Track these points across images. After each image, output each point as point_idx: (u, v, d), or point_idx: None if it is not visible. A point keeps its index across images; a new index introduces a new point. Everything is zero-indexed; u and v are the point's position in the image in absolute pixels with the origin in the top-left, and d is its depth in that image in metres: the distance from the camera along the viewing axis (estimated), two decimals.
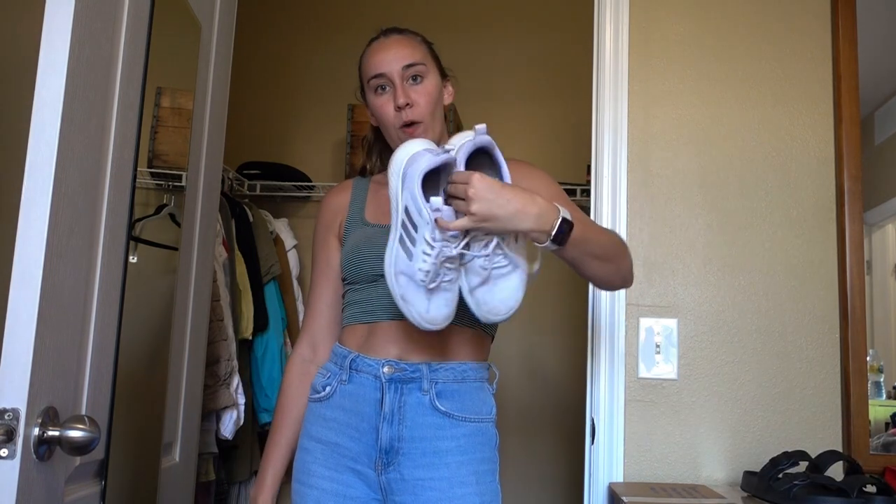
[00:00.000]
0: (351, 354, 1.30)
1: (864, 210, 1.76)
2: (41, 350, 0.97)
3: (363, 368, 1.28)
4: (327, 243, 1.43)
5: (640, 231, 1.81)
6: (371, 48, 1.39)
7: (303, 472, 1.30)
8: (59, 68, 1.01)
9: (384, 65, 1.34)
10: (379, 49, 1.37)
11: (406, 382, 1.26)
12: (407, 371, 1.26)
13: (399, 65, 1.33)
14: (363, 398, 1.27)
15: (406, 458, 1.25)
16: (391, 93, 1.34)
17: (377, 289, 1.30)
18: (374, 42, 1.39)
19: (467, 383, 1.30)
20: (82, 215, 1.10)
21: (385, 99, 1.35)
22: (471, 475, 1.24)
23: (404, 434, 1.25)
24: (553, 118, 3.29)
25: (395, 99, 1.32)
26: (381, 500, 1.27)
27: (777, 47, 1.86)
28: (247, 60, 3.12)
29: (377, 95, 1.36)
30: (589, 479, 1.76)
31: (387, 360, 1.27)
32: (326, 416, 1.29)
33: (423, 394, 1.26)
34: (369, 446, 1.26)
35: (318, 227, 1.45)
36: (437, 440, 1.25)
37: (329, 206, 1.45)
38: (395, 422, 1.25)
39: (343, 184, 1.49)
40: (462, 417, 1.27)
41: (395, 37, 1.38)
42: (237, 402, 2.46)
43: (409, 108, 1.32)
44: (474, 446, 1.27)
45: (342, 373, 1.30)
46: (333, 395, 1.29)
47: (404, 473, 1.24)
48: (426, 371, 1.27)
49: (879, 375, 1.78)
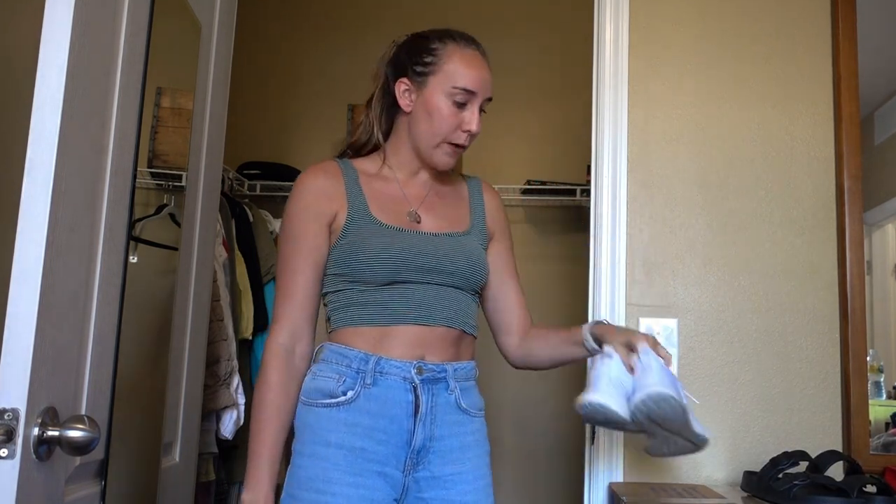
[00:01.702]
0: (371, 357, 1.27)
1: (864, 210, 1.76)
2: (41, 350, 0.97)
3: (389, 371, 1.26)
4: (314, 229, 1.32)
5: (640, 231, 1.81)
6: (468, 54, 1.35)
7: (321, 481, 1.22)
8: (59, 68, 1.00)
9: (481, 86, 1.34)
10: (479, 64, 1.36)
11: (435, 383, 1.29)
12: (435, 371, 1.29)
13: (489, 94, 1.36)
14: (392, 401, 1.26)
15: (436, 456, 1.28)
16: (468, 112, 1.34)
17: (393, 291, 1.29)
18: (469, 48, 1.36)
19: (471, 381, 1.37)
20: (82, 215, 1.09)
21: (456, 112, 1.33)
22: (485, 466, 1.35)
23: (435, 433, 1.28)
24: (553, 118, 3.29)
25: (470, 123, 1.33)
26: (398, 498, 1.27)
27: (777, 47, 1.86)
28: (247, 60, 3.11)
29: (454, 104, 1.33)
30: (589, 479, 1.75)
31: (416, 362, 1.28)
32: (349, 421, 1.25)
33: (449, 393, 1.31)
34: (399, 448, 1.26)
35: (303, 208, 1.33)
36: (462, 436, 1.31)
37: (320, 190, 1.34)
38: (429, 422, 1.28)
39: (329, 165, 1.38)
40: (475, 413, 1.35)
41: (484, 58, 1.38)
42: (237, 402, 2.45)
43: (473, 137, 1.36)
44: (483, 440, 1.36)
45: (362, 376, 1.26)
46: (357, 399, 1.25)
47: (434, 471, 1.28)
48: (451, 371, 1.31)
49: (879, 375, 1.78)
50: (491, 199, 1.49)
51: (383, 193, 1.37)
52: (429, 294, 1.30)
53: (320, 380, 1.29)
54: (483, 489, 1.32)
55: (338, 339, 1.32)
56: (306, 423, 1.27)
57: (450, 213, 1.41)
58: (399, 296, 1.29)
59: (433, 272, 1.31)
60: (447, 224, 1.39)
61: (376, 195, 1.36)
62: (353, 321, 1.30)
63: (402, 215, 1.36)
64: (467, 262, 1.34)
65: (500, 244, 1.47)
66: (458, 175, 1.51)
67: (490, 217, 1.46)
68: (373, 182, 1.38)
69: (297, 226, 1.33)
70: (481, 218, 1.44)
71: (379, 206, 1.35)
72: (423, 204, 1.39)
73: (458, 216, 1.42)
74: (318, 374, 1.30)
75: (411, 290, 1.30)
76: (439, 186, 1.44)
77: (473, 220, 1.43)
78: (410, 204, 1.38)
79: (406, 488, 1.27)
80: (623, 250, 1.79)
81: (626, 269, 1.79)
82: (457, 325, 1.33)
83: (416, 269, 1.29)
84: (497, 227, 1.48)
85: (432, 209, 1.39)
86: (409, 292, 1.30)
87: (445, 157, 1.35)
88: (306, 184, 1.35)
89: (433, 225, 1.37)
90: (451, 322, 1.32)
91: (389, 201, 1.37)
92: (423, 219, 1.37)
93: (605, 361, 1.25)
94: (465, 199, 1.46)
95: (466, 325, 1.35)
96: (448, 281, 1.32)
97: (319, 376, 1.29)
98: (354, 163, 1.41)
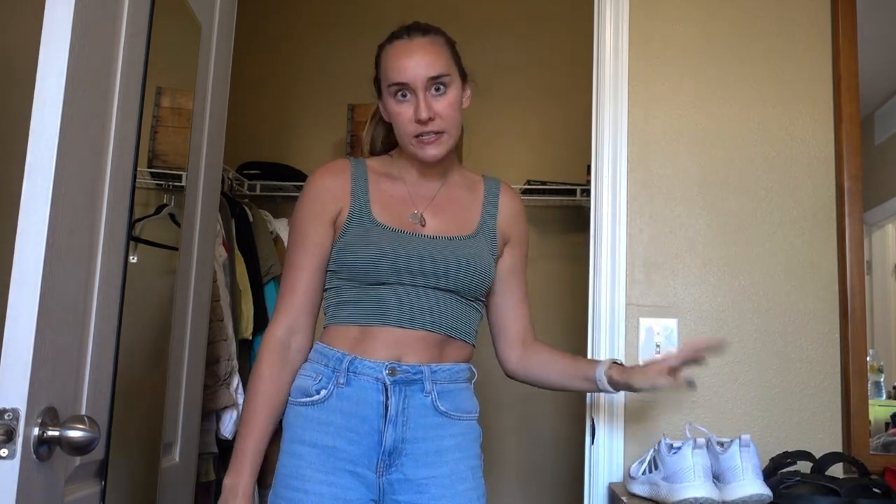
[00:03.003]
0: (346, 357, 1.28)
1: (864, 210, 1.76)
2: (41, 350, 0.97)
3: (362, 371, 1.27)
4: (320, 227, 1.34)
5: (640, 231, 1.81)
6: (394, 48, 1.32)
7: (295, 478, 1.24)
8: (59, 68, 1.00)
9: (407, 73, 1.28)
10: (403, 53, 1.29)
11: (409, 384, 1.28)
12: (409, 373, 1.27)
13: (424, 75, 1.27)
14: (363, 401, 1.26)
15: (409, 459, 1.26)
16: (412, 101, 1.29)
17: (378, 291, 1.29)
18: (398, 41, 1.32)
19: (458, 383, 1.34)
20: (82, 215, 1.10)
21: (405, 107, 1.29)
22: (468, 471, 1.30)
23: (408, 435, 1.26)
24: (553, 118, 3.29)
25: (417, 112, 1.27)
26: (376, 500, 1.27)
27: (777, 47, 1.86)
28: (247, 60, 3.11)
29: (397, 101, 1.30)
30: (589, 479, 1.75)
31: (388, 363, 1.27)
32: (322, 420, 1.26)
33: (425, 395, 1.28)
34: (370, 449, 1.26)
35: (310, 206, 1.35)
36: (439, 439, 1.28)
37: (327, 188, 1.35)
38: (400, 423, 1.26)
39: (339, 165, 1.39)
40: (457, 416, 1.32)
41: (419, 40, 1.31)
42: (237, 402, 2.46)
43: (432, 121, 1.28)
44: (468, 443, 1.32)
45: (337, 375, 1.27)
46: (329, 398, 1.27)
47: (407, 473, 1.26)
48: (427, 373, 1.29)
49: (879, 375, 1.78)
50: (509, 203, 1.44)
51: (389, 194, 1.37)
52: (414, 297, 1.29)
53: (300, 378, 1.32)
54: (463, 494, 1.27)
55: (324, 336, 1.34)
56: (287, 422, 1.30)
57: (458, 216, 1.39)
58: (383, 297, 1.29)
59: (422, 275, 1.29)
60: (452, 227, 1.37)
61: (382, 195, 1.36)
62: (340, 319, 1.32)
63: (405, 217, 1.35)
64: (464, 266, 1.32)
65: (513, 251, 1.44)
66: (476, 174, 1.47)
67: (505, 222, 1.42)
68: (381, 182, 1.38)
69: (303, 224, 1.35)
70: (492, 221, 1.41)
71: (382, 206, 1.35)
72: (431, 205, 1.38)
73: (467, 219, 1.39)
74: (301, 373, 1.32)
75: (397, 292, 1.29)
76: (451, 188, 1.41)
77: (482, 224, 1.39)
78: (416, 205, 1.37)
79: (382, 490, 1.27)
80: (623, 250, 1.79)
81: (626, 269, 1.79)
82: (441, 330, 1.31)
83: (403, 272, 1.28)
84: (513, 233, 1.44)
85: (440, 211, 1.38)
86: (393, 294, 1.29)
87: (421, 150, 1.31)
88: (314, 183, 1.37)
89: (436, 228, 1.35)
90: (434, 327, 1.30)
91: (394, 202, 1.36)
92: (429, 221, 1.36)
93: (697, 453, 1.35)
94: (478, 201, 1.42)
95: (454, 330, 1.32)
96: (439, 284, 1.30)
97: (301, 375, 1.32)
98: (368, 161, 1.41)
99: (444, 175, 1.41)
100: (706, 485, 1.30)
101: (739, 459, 1.33)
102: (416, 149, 1.32)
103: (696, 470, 1.31)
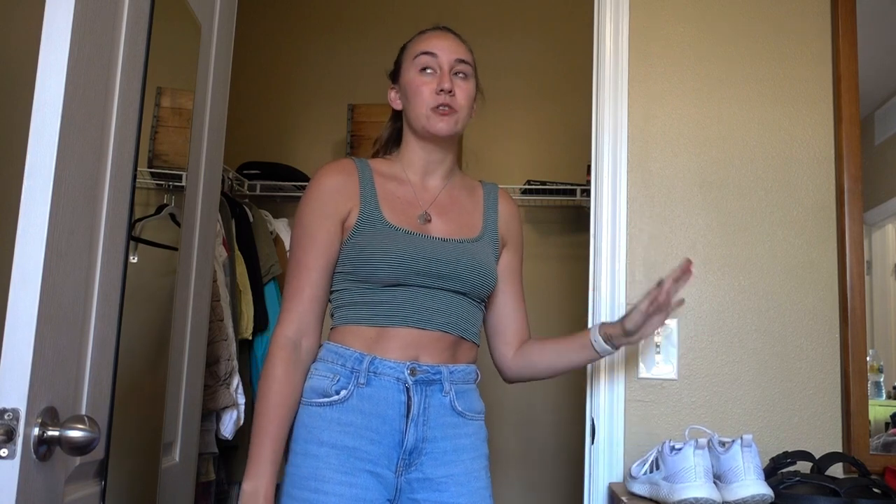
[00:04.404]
0: (366, 357, 1.28)
1: (864, 210, 1.76)
2: (41, 350, 0.97)
3: (383, 371, 1.27)
4: (330, 226, 1.33)
5: (640, 231, 1.81)
6: (425, 34, 1.41)
7: (314, 479, 1.23)
8: (59, 68, 1.01)
9: (440, 49, 1.37)
10: (435, 36, 1.40)
11: (429, 384, 1.29)
12: (429, 373, 1.29)
13: (453, 55, 1.37)
14: (385, 401, 1.27)
15: (429, 458, 1.28)
16: (435, 76, 1.36)
17: (393, 293, 1.30)
18: (429, 31, 1.42)
19: (469, 384, 1.37)
20: (82, 215, 1.09)
21: (427, 79, 1.36)
22: (481, 469, 1.34)
23: (428, 434, 1.28)
24: (553, 118, 3.29)
25: (440, 82, 1.34)
26: (392, 499, 1.28)
27: (777, 47, 1.86)
28: (246, 60, 3.12)
29: (420, 73, 1.37)
30: (589, 479, 1.76)
31: (409, 363, 1.28)
32: (342, 421, 1.26)
33: (444, 395, 1.31)
34: (391, 448, 1.26)
35: (318, 205, 1.34)
36: (456, 438, 1.31)
37: (336, 188, 1.35)
38: (421, 423, 1.28)
39: (346, 164, 1.39)
40: (471, 416, 1.35)
41: (450, 34, 1.42)
42: (237, 402, 2.46)
43: (451, 95, 1.34)
44: (480, 443, 1.35)
45: (356, 375, 1.27)
46: (350, 398, 1.26)
47: (427, 472, 1.28)
48: (446, 373, 1.31)
49: (879, 375, 1.78)
50: (506, 208, 1.49)
51: (396, 195, 1.38)
52: (428, 298, 1.31)
53: (315, 378, 1.30)
54: (477, 492, 1.30)
55: (336, 337, 1.34)
56: (301, 422, 1.29)
57: (462, 218, 1.41)
58: (398, 298, 1.30)
59: (436, 277, 1.31)
60: (458, 229, 1.39)
61: (389, 196, 1.37)
62: (352, 320, 1.32)
63: (413, 217, 1.36)
64: (473, 269, 1.34)
65: (510, 254, 1.48)
66: (474, 179, 1.51)
67: (504, 225, 1.47)
68: (387, 183, 1.39)
69: (311, 223, 1.33)
70: (494, 225, 1.44)
71: (390, 207, 1.35)
72: (435, 206, 1.39)
73: (471, 221, 1.42)
74: (314, 373, 1.31)
75: (412, 294, 1.30)
76: (452, 190, 1.44)
77: (486, 227, 1.43)
78: (421, 206, 1.38)
79: (399, 489, 1.27)
80: (623, 250, 1.79)
81: (626, 269, 1.79)
82: (455, 331, 1.33)
83: (418, 273, 1.29)
84: (510, 237, 1.48)
85: (444, 213, 1.39)
86: (408, 295, 1.30)
87: (436, 122, 1.35)
88: (322, 181, 1.36)
89: (443, 229, 1.37)
90: (449, 328, 1.32)
91: (401, 203, 1.37)
92: (434, 222, 1.37)
93: (699, 453, 1.35)
94: (479, 205, 1.46)
95: (466, 331, 1.35)
96: (451, 286, 1.32)
97: (315, 375, 1.31)
98: (371, 163, 1.42)
99: (447, 176, 1.43)
100: (707, 485, 1.30)
101: (741, 459, 1.33)
102: (430, 122, 1.35)
103: (698, 470, 1.31)
